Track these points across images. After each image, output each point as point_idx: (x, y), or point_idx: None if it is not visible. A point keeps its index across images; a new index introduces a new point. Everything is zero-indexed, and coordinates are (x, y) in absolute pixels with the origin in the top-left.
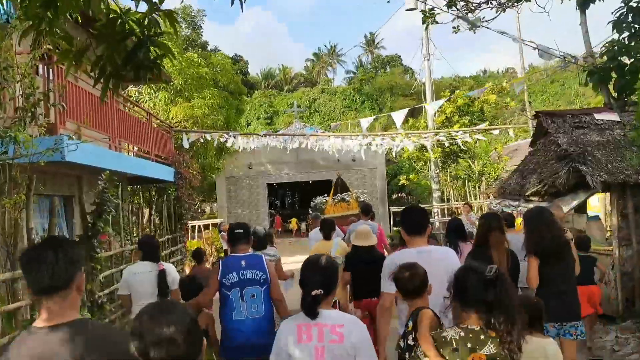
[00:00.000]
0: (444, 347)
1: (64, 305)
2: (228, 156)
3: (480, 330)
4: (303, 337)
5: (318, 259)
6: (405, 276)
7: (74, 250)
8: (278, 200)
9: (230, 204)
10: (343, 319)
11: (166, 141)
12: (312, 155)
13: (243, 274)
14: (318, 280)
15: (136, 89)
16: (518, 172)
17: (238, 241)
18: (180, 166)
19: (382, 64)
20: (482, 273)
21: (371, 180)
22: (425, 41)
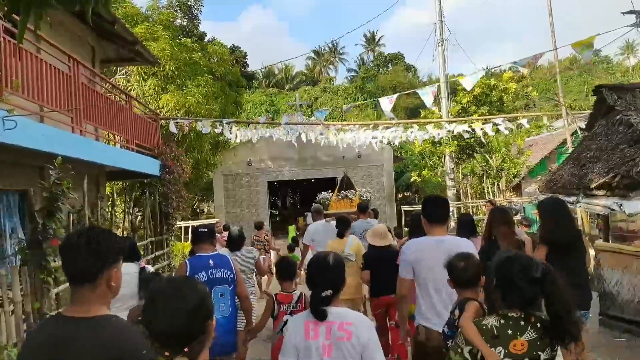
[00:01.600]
0: (484, 335)
1: (91, 298)
2: (225, 151)
3: (520, 317)
4: (310, 333)
5: (326, 258)
6: (460, 266)
7: (108, 243)
8: (279, 199)
9: (228, 203)
10: (351, 317)
11: (151, 130)
12: (315, 151)
13: (212, 273)
14: (327, 280)
15: (124, 76)
16: (572, 162)
17: (202, 240)
18: (167, 158)
19: (384, 62)
20: (529, 272)
21: (377, 178)
22: (439, 25)
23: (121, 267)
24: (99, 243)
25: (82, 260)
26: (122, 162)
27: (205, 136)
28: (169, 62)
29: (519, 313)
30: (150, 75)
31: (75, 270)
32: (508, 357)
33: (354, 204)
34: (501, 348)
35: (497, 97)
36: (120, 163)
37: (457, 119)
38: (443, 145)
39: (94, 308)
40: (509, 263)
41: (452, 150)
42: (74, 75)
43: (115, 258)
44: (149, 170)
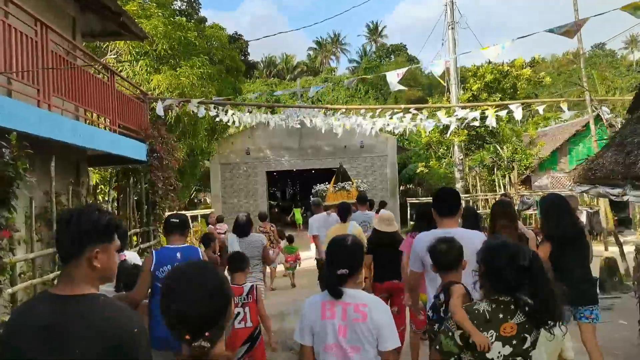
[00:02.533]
0: (477, 319)
1: (76, 276)
2: (223, 140)
3: (510, 301)
4: (327, 314)
5: (344, 239)
6: (441, 250)
7: (90, 221)
8: (278, 190)
9: (225, 193)
10: (367, 299)
11: (138, 110)
12: (316, 141)
13: None
14: (343, 260)
15: (114, 56)
16: (614, 149)
17: (172, 231)
18: (155, 142)
19: (386, 53)
20: (517, 260)
21: (381, 169)
22: (450, 6)
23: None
24: (80, 221)
25: (62, 238)
26: (100, 143)
27: (201, 121)
28: (162, 41)
29: (509, 297)
30: (142, 55)
31: (59, 248)
32: (498, 340)
33: (352, 195)
34: (493, 331)
35: (510, 84)
36: (97, 144)
37: (470, 104)
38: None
39: (80, 287)
40: (498, 251)
41: (461, 140)
42: (42, 41)
43: (100, 238)
44: (134, 154)
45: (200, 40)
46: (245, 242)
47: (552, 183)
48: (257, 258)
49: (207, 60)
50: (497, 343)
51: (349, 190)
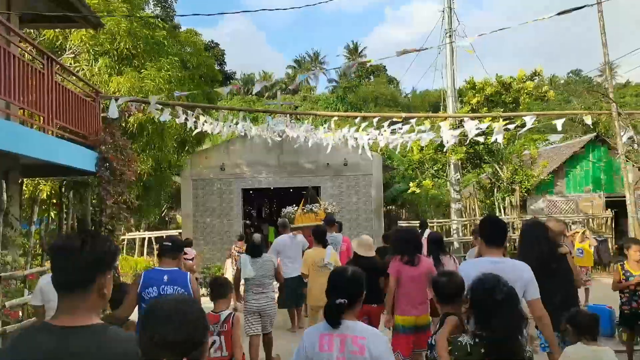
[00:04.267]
0: (459, 350)
1: (82, 305)
2: (196, 154)
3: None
4: (324, 346)
5: (344, 270)
6: (441, 282)
7: (103, 248)
8: (254, 209)
9: (197, 212)
10: (365, 332)
11: (87, 111)
12: (297, 157)
13: (164, 289)
14: (343, 290)
15: (72, 55)
16: None
17: (164, 254)
18: (108, 150)
19: (366, 74)
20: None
21: (365, 189)
22: (447, 12)
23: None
24: (96, 247)
25: (78, 266)
26: (29, 147)
27: (168, 131)
28: (126, 39)
29: (490, 334)
30: (102, 54)
31: (67, 277)
32: None
33: (319, 217)
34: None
35: (512, 97)
36: (26, 149)
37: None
38: (449, 151)
39: (85, 317)
40: (478, 284)
41: (459, 158)
42: None
43: (109, 264)
44: (79, 164)
45: (171, 41)
46: (257, 262)
47: (549, 207)
48: (270, 277)
49: (178, 63)
50: None
51: (316, 212)
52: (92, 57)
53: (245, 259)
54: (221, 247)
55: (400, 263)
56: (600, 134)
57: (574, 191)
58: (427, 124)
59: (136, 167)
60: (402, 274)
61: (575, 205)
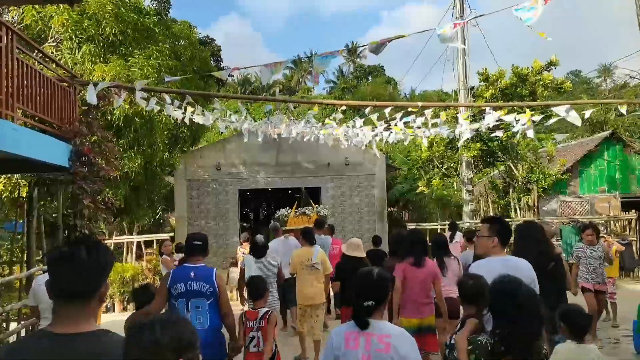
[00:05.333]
0: (479, 350)
1: (85, 313)
2: (190, 153)
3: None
4: (350, 343)
5: (370, 272)
6: (465, 283)
7: (106, 255)
8: (251, 211)
9: (191, 214)
10: (391, 331)
11: (60, 97)
12: (295, 156)
13: (190, 285)
14: (370, 292)
15: (54, 44)
16: None
17: (193, 252)
18: (84, 143)
19: (364, 74)
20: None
21: (368, 190)
22: None
23: None
24: (101, 254)
25: (87, 274)
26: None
27: (158, 125)
28: (112, 24)
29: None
30: (86, 40)
31: (72, 286)
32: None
33: (312, 220)
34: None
35: (529, 90)
36: None
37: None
38: (461, 148)
39: (86, 323)
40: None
41: (472, 155)
42: None
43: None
44: (49, 157)
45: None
46: (261, 263)
47: (562, 208)
48: (273, 277)
49: (169, 51)
50: None
51: (309, 215)
52: (76, 45)
53: (250, 260)
54: (217, 251)
55: (407, 265)
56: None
57: (588, 191)
58: (444, 116)
59: (118, 162)
60: (407, 275)
61: (589, 206)
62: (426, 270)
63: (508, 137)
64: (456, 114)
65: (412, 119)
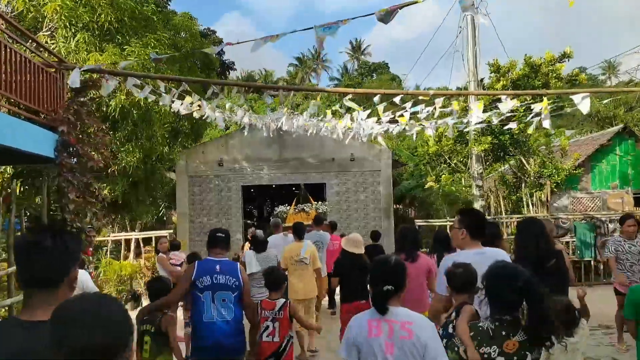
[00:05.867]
0: (481, 335)
1: (55, 300)
2: (192, 149)
3: (513, 320)
4: (373, 331)
5: (387, 259)
6: (456, 272)
7: (73, 240)
8: (255, 208)
9: (193, 211)
10: (413, 317)
11: (46, 83)
12: (299, 151)
13: (216, 278)
14: (388, 278)
15: (47, 32)
16: None
17: (217, 245)
18: (70, 132)
19: (368, 71)
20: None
21: (373, 186)
22: None
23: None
24: (67, 240)
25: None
26: None
27: (156, 117)
28: (107, 11)
29: (511, 317)
30: (81, 28)
31: (39, 274)
32: (501, 355)
33: (310, 217)
34: (496, 347)
35: (542, 81)
36: None
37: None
38: (471, 142)
39: None
40: (496, 273)
41: (483, 149)
42: None
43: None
44: (33, 147)
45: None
46: (261, 257)
47: (573, 204)
48: None
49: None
50: (499, 358)
51: (308, 212)
52: (71, 33)
53: (251, 255)
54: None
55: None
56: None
57: (599, 187)
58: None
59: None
60: None
61: (601, 202)
62: (419, 265)
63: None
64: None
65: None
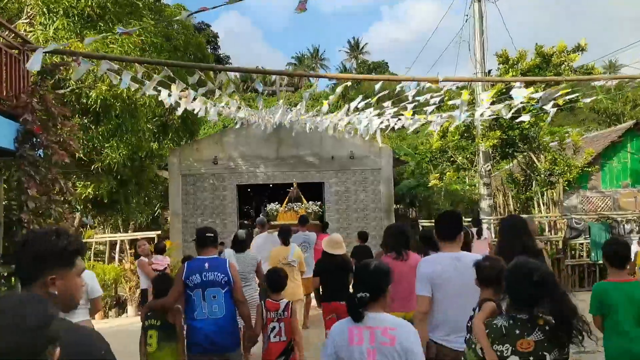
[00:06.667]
0: (495, 333)
1: None
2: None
3: (529, 319)
4: (355, 339)
5: (368, 264)
6: (483, 266)
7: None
8: (252, 208)
9: (187, 211)
10: (396, 323)
11: (8, 66)
12: (297, 149)
13: (205, 276)
14: (365, 284)
15: (26, 20)
16: None
17: (206, 244)
18: (34, 120)
19: (367, 70)
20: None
21: (374, 185)
22: None
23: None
24: (35, 244)
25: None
26: None
27: (142, 110)
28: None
29: (527, 315)
30: (60, 15)
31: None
32: (515, 354)
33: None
34: (509, 345)
35: (554, 73)
36: None
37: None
38: (478, 137)
39: None
40: (515, 269)
41: (491, 145)
42: None
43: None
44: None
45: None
46: (240, 258)
47: (583, 204)
48: (252, 272)
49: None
50: (513, 357)
51: (297, 211)
52: (50, 21)
53: (230, 253)
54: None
55: (390, 258)
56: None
57: (610, 186)
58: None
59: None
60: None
61: (612, 202)
62: (410, 263)
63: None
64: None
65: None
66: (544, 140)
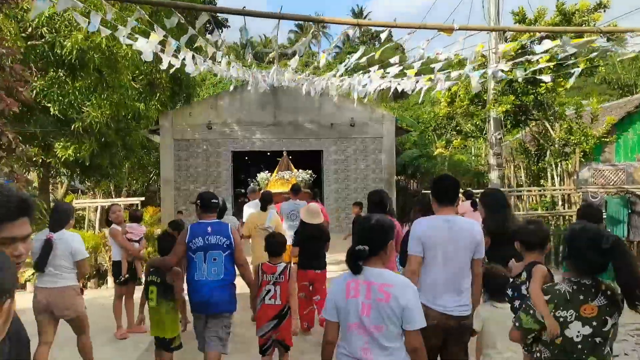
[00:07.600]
0: (557, 299)
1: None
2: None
3: (592, 284)
4: (351, 292)
5: (370, 218)
6: (529, 229)
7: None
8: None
9: (179, 177)
10: (394, 280)
11: None
12: (295, 115)
13: (208, 239)
14: (364, 238)
15: None
16: None
17: (210, 209)
18: None
19: (370, 39)
20: (599, 243)
21: (375, 154)
22: None
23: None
24: None
25: None
26: None
27: (123, 63)
28: None
29: (591, 280)
30: None
31: None
32: (578, 320)
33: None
34: (572, 311)
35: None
36: None
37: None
38: (490, 103)
39: None
40: (580, 234)
41: (503, 111)
42: None
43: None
44: None
45: None
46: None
47: (595, 177)
48: None
49: None
50: (576, 322)
51: (288, 179)
52: None
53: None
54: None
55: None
56: None
57: (624, 159)
58: (480, 47)
59: (30, 93)
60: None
61: (625, 176)
62: None
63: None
64: (485, 61)
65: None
66: (562, 106)
